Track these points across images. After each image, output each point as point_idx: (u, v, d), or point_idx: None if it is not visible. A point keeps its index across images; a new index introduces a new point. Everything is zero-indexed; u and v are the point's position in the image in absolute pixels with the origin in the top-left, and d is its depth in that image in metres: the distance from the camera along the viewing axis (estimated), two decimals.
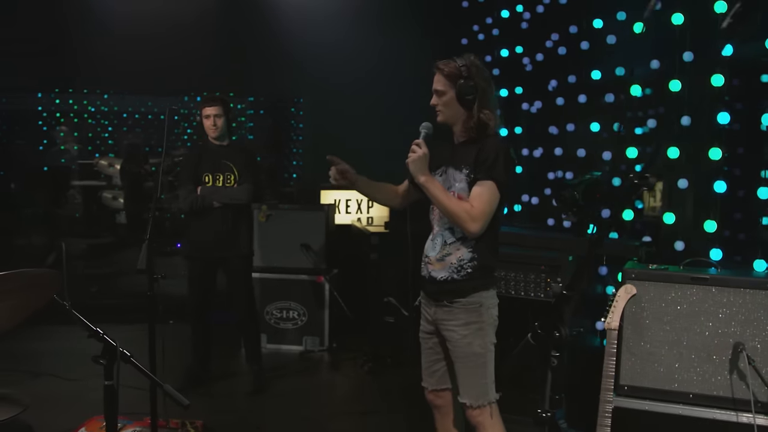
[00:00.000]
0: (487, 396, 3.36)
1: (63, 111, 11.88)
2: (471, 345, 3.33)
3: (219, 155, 5.48)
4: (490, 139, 3.29)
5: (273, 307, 6.69)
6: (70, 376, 5.77)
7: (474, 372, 3.36)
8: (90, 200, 11.05)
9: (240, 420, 5.00)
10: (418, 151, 3.25)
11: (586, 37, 5.24)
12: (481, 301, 3.33)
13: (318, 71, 7.90)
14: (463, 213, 3.22)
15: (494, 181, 3.22)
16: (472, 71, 3.28)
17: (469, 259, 3.33)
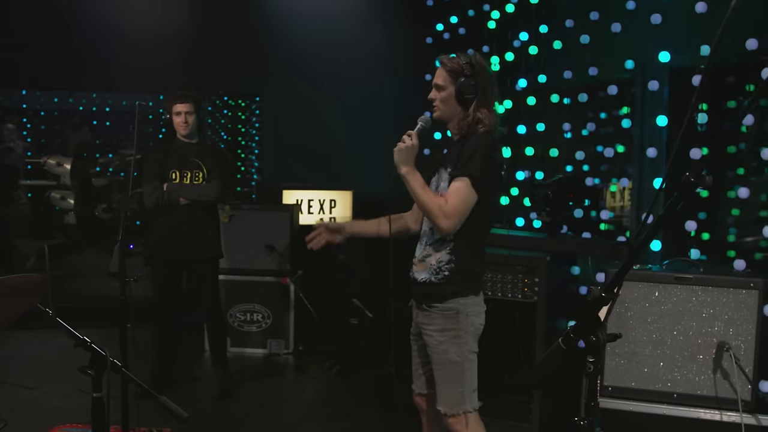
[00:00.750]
0: (463, 405, 3.30)
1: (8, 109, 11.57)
2: (446, 352, 3.28)
3: (188, 152, 5.34)
4: (473, 137, 3.22)
5: (236, 309, 6.55)
6: (26, 383, 5.54)
7: (450, 380, 3.31)
8: (38, 200, 10.75)
9: (208, 426, 4.87)
10: (408, 141, 3.18)
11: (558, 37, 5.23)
12: (458, 308, 3.26)
13: (278, 69, 7.78)
14: (436, 208, 3.15)
15: (469, 177, 3.14)
16: (475, 70, 3.22)
17: (447, 261, 3.26)
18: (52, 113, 12.39)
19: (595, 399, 1.65)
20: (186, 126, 5.29)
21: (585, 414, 1.66)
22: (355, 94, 7.46)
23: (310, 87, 7.62)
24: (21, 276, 2.05)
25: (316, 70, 7.58)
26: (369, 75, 7.50)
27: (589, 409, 1.66)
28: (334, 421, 5.17)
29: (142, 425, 4.32)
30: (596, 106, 5.01)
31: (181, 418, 2.30)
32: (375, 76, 7.50)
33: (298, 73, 7.67)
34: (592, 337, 1.63)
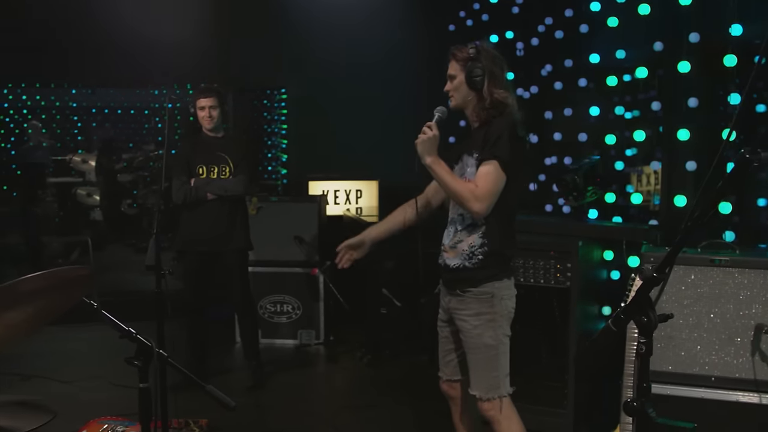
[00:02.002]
0: (498, 389, 3.31)
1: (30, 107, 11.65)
2: (482, 336, 3.29)
3: (214, 147, 5.36)
4: (496, 120, 3.25)
5: (266, 301, 6.59)
6: (60, 377, 5.61)
7: (485, 364, 3.31)
8: (64, 197, 10.84)
9: (243, 417, 4.90)
10: (429, 132, 3.21)
11: (584, 20, 5.19)
12: (493, 292, 3.28)
13: (303, 61, 7.78)
14: (467, 193, 3.17)
15: (497, 160, 3.16)
16: (480, 53, 3.27)
17: (480, 245, 3.27)
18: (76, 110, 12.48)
19: (647, 380, 1.65)
20: (211, 120, 5.30)
21: (637, 395, 1.65)
22: (379, 83, 7.46)
23: (335, 78, 7.63)
24: (69, 268, 2.07)
25: (340, 61, 7.59)
26: (392, 64, 7.49)
27: (641, 391, 1.65)
28: (365, 410, 5.19)
29: (179, 416, 4.40)
30: (624, 89, 4.97)
31: (229, 406, 2.33)
32: (398, 65, 7.49)
33: (322, 65, 7.68)
34: (644, 317, 1.62)
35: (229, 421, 4.70)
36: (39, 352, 6.25)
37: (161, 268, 3.71)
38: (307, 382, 5.82)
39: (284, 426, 4.80)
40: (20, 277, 1.91)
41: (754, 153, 1.49)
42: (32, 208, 9.87)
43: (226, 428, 4.57)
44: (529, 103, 5.76)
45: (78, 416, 4.65)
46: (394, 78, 7.46)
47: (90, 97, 12.31)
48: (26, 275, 1.94)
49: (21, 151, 10.57)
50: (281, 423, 4.86)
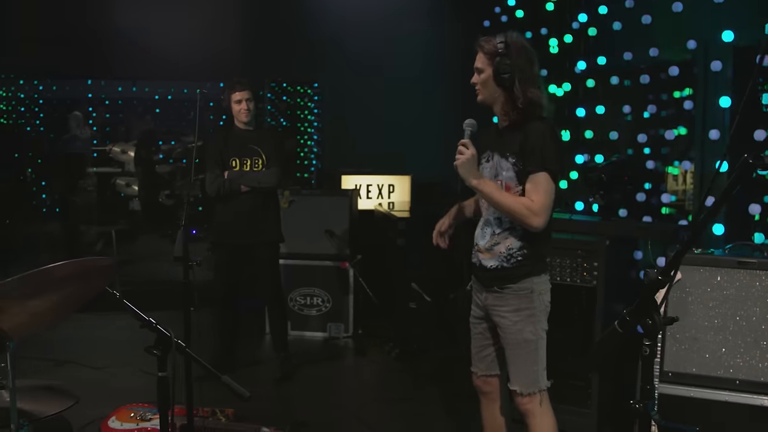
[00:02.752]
0: (538, 383, 3.32)
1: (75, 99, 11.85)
2: (522, 331, 3.29)
3: (247, 140, 5.42)
4: (534, 125, 3.15)
5: (297, 293, 6.65)
6: (93, 363, 5.73)
7: (525, 359, 3.32)
8: (104, 187, 11.03)
9: (270, 407, 4.95)
10: (466, 152, 3.13)
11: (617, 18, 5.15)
12: (532, 287, 3.27)
13: (337, 55, 7.82)
14: (524, 209, 3.11)
15: (548, 172, 3.11)
16: (510, 49, 3.15)
17: (519, 248, 3.26)
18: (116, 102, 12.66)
19: (651, 382, 1.65)
20: (247, 113, 5.36)
21: (641, 397, 1.65)
22: (412, 79, 7.47)
23: (368, 73, 7.66)
24: (91, 258, 2.13)
25: (374, 55, 7.61)
26: (426, 60, 7.51)
27: (644, 393, 1.65)
28: (393, 403, 5.22)
29: (206, 406, 4.46)
30: (657, 87, 4.92)
31: (243, 397, 2.37)
32: (432, 60, 7.50)
33: (355, 59, 7.71)
34: (649, 320, 1.62)
35: (256, 411, 4.75)
36: (73, 338, 6.41)
37: (189, 259, 3.77)
38: (335, 375, 5.87)
39: (310, 418, 4.83)
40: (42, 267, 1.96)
41: (758, 158, 1.49)
42: (71, 197, 10.07)
43: (253, 418, 4.60)
44: (561, 101, 5.74)
45: (108, 402, 4.76)
46: (428, 74, 7.48)
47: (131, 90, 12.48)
48: (50, 264, 1.99)
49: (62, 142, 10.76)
50: (308, 414, 4.89)
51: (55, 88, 11.74)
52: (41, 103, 11.68)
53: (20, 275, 1.94)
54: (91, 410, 4.70)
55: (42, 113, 11.71)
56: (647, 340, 1.65)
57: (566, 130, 5.66)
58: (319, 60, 8.07)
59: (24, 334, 2.22)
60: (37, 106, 11.72)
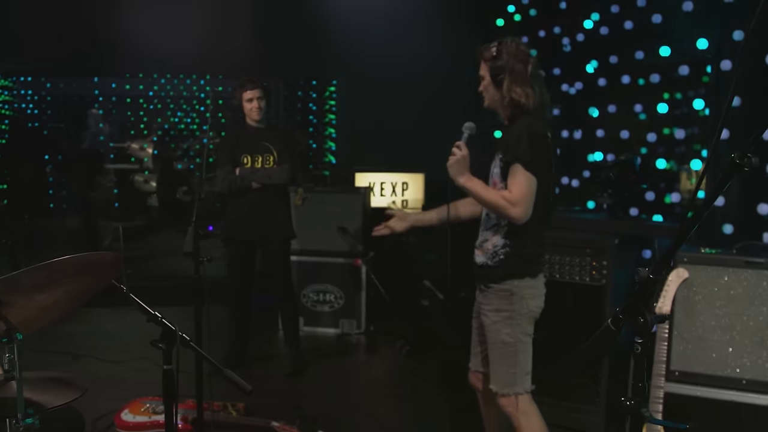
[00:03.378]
0: (515, 386, 3.34)
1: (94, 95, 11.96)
2: (499, 332, 3.34)
3: (258, 137, 5.46)
4: (518, 122, 3.25)
5: (309, 289, 6.69)
6: (109, 357, 5.81)
7: (502, 360, 3.36)
8: (122, 183, 11.13)
9: (280, 402, 5.00)
10: (458, 153, 3.23)
11: (630, 17, 5.15)
12: (512, 289, 3.30)
13: (352, 53, 7.85)
14: (502, 201, 3.18)
15: (519, 162, 3.17)
16: (503, 51, 3.24)
17: (502, 246, 3.31)
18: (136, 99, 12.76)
19: (642, 380, 1.67)
20: (259, 111, 5.41)
21: (633, 394, 1.68)
22: (427, 77, 7.49)
23: (383, 71, 7.67)
24: (95, 253, 2.18)
25: (389, 54, 7.62)
26: (441, 58, 7.51)
27: (636, 390, 1.68)
28: (402, 399, 5.25)
29: (218, 400, 4.52)
30: (668, 86, 4.92)
31: (245, 391, 2.41)
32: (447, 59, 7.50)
33: (371, 58, 7.73)
34: (640, 318, 1.65)
35: (267, 406, 4.82)
36: (90, 332, 6.51)
37: (199, 254, 3.81)
38: (346, 371, 5.91)
39: (320, 412, 4.86)
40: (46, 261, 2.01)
41: (744, 157, 1.50)
42: (90, 193, 10.18)
43: (263, 413, 4.67)
44: (573, 100, 5.75)
45: (122, 395, 4.84)
46: (443, 72, 7.48)
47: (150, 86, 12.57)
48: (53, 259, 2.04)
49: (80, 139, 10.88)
50: (318, 409, 4.93)
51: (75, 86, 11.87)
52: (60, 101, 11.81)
53: (24, 269, 1.99)
54: (105, 403, 4.79)
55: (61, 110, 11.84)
56: (639, 338, 1.67)
57: (578, 129, 5.66)
58: (336, 59, 8.10)
59: (32, 328, 2.28)
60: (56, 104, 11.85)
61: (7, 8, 7.90)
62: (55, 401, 2.24)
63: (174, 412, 2.43)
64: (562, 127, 5.78)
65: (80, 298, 2.32)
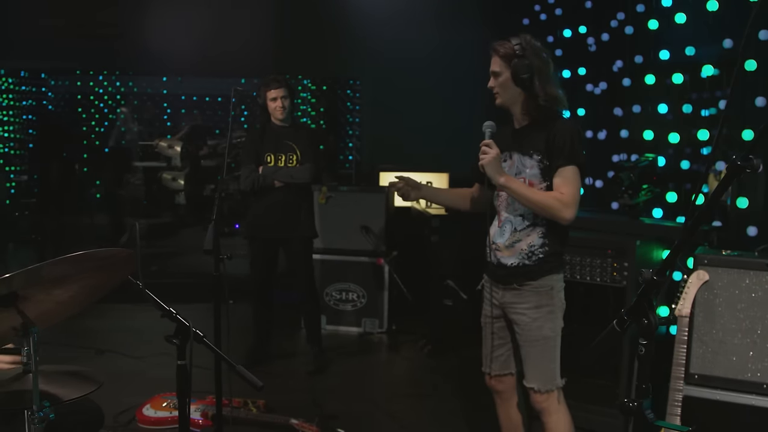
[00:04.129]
0: (555, 381, 3.35)
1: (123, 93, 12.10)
2: (542, 328, 3.31)
3: (282, 135, 5.49)
4: (560, 123, 3.23)
5: (332, 288, 6.72)
6: (133, 353, 5.88)
7: (543, 356, 3.34)
8: (150, 181, 11.24)
9: (301, 400, 5.03)
10: (490, 152, 3.18)
11: (654, 16, 5.10)
12: (552, 284, 3.31)
13: (377, 52, 7.87)
14: (555, 202, 3.16)
15: (577, 166, 3.18)
16: (526, 50, 3.21)
17: (540, 245, 3.29)
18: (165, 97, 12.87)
19: (646, 381, 1.66)
20: (283, 110, 5.44)
21: (636, 396, 1.67)
22: (451, 77, 7.48)
23: (408, 71, 7.69)
24: (109, 249, 2.20)
25: (413, 53, 7.63)
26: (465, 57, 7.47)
27: (640, 391, 1.67)
28: (422, 398, 5.26)
29: (238, 396, 4.56)
30: (693, 86, 4.87)
31: (256, 386, 2.42)
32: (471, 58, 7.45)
33: (395, 58, 7.74)
34: (644, 320, 1.64)
35: (287, 403, 4.86)
36: (114, 327, 6.59)
37: (219, 252, 3.85)
38: (367, 370, 5.93)
39: (341, 411, 4.89)
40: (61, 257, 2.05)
41: (746, 160, 1.49)
42: (118, 190, 10.30)
43: (283, 410, 4.70)
44: (598, 99, 5.70)
45: (144, 391, 4.91)
46: (467, 71, 7.43)
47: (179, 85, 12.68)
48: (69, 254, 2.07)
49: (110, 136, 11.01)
50: (338, 407, 4.95)
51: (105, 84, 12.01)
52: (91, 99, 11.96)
53: (42, 263, 2.03)
54: (128, 398, 4.85)
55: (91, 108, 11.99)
56: (643, 340, 1.66)
57: (603, 129, 5.62)
58: (361, 58, 8.13)
59: (49, 322, 2.31)
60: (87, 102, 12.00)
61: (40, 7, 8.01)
62: (72, 394, 2.28)
63: (187, 407, 2.46)
64: (586, 128, 5.73)
65: (96, 294, 2.35)
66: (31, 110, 11.03)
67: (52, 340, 5.45)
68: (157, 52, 8.33)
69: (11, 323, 2.17)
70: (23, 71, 10.75)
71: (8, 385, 2.26)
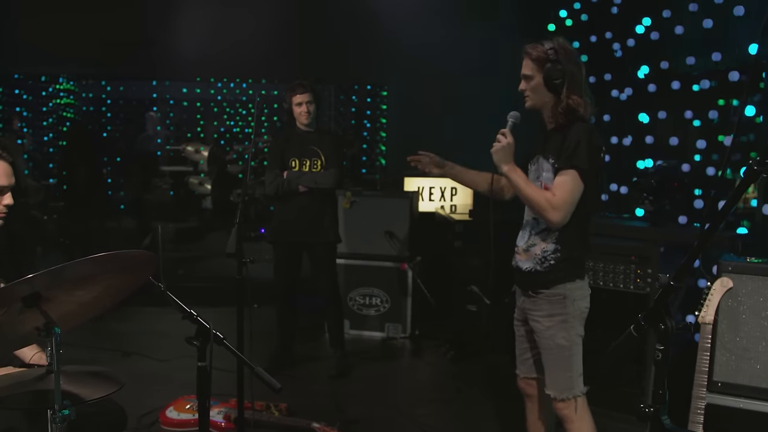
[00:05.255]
0: (573, 389, 3.31)
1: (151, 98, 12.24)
2: (554, 337, 3.30)
3: (307, 140, 5.52)
4: (575, 126, 3.20)
5: (356, 293, 6.73)
6: (158, 356, 5.93)
7: (558, 364, 3.32)
8: (177, 185, 11.35)
9: (323, 404, 5.05)
10: (503, 140, 3.20)
11: (680, 22, 5.07)
12: (565, 293, 3.27)
13: (404, 59, 7.90)
14: (544, 202, 3.16)
15: (576, 170, 3.13)
16: (560, 54, 3.19)
17: (553, 251, 3.27)
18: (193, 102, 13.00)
19: (663, 387, 1.65)
20: (308, 115, 5.46)
21: (652, 402, 1.66)
22: (477, 82, 7.48)
23: (434, 77, 7.71)
24: (131, 251, 2.23)
25: (440, 59, 7.65)
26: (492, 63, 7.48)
27: (656, 397, 1.66)
28: (445, 403, 5.26)
29: (261, 399, 4.58)
30: (719, 92, 4.82)
31: (275, 389, 2.44)
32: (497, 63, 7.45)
33: (422, 63, 7.77)
34: (661, 325, 1.63)
35: (309, 407, 4.88)
36: (139, 330, 6.65)
37: (242, 256, 3.87)
38: (390, 374, 5.94)
39: (362, 415, 4.90)
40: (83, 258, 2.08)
41: (762, 164, 1.48)
42: (146, 195, 10.41)
43: (305, 414, 4.72)
44: (624, 105, 5.67)
45: (168, 393, 4.95)
46: (493, 77, 7.44)
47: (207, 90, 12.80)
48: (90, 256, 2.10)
49: (138, 141, 11.13)
50: (359, 411, 4.96)
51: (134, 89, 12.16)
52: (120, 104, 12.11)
53: (65, 263, 2.06)
54: (151, 400, 4.90)
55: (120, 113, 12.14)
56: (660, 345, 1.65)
57: (628, 135, 5.58)
58: (388, 64, 8.16)
59: (71, 324, 2.34)
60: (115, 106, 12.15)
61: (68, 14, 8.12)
62: (94, 394, 2.30)
63: (207, 408, 2.48)
64: (611, 134, 5.71)
65: (118, 297, 2.38)
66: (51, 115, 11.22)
67: (78, 342, 5.53)
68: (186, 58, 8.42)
69: (35, 323, 2.20)
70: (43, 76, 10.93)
71: (32, 384, 2.29)
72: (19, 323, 2.23)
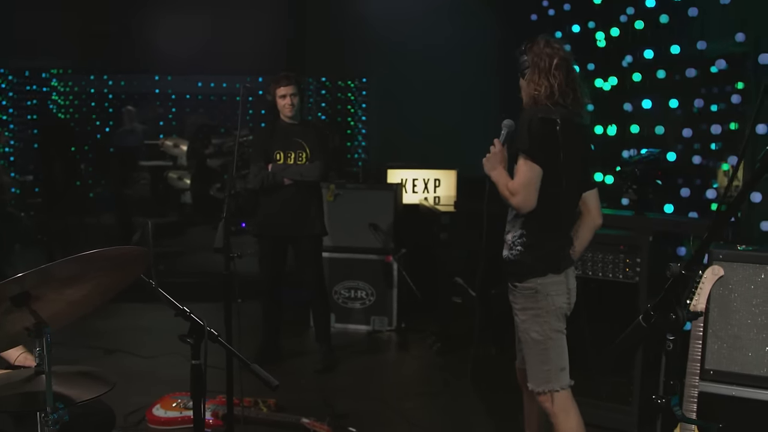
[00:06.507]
0: (549, 383, 3.33)
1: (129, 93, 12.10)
2: (528, 331, 3.34)
3: (291, 133, 5.47)
4: (523, 112, 3.28)
5: (341, 286, 6.68)
6: (142, 352, 5.86)
7: (535, 358, 3.36)
8: (156, 180, 11.23)
9: (311, 398, 5.00)
10: (492, 150, 3.30)
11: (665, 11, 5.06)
12: (536, 288, 3.29)
13: (385, 51, 7.86)
14: (505, 190, 3.23)
15: (519, 151, 3.21)
16: (526, 48, 3.29)
17: (519, 236, 3.31)
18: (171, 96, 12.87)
19: (674, 378, 1.63)
20: (292, 108, 5.41)
21: (664, 392, 1.64)
22: (459, 74, 7.46)
23: (415, 69, 7.68)
24: (123, 247, 2.18)
25: (421, 51, 7.62)
26: (473, 54, 7.49)
27: (668, 388, 1.64)
28: (432, 397, 5.24)
29: (249, 395, 4.53)
30: (705, 81, 4.83)
31: (271, 386, 2.40)
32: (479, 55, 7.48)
33: (402, 56, 7.74)
34: (672, 315, 1.61)
35: (297, 402, 4.83)
36: (123, 327, 6.57)
37: (230, 250, 3.82)
38: (377, 368, 5.91)
39: (351, 409, 4.86)
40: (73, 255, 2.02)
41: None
42: (124, 190, 10.29)
43: (294, 409, 4.67)
44: (608, 95, 5.67)
45: (155, 391, 4.88)
46: (475, 68, 7.46)
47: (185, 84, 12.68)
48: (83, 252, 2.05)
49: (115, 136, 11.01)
50: (348, 406, 4.92)
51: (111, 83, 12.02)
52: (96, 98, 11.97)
53: (54, 262, 2.01)
54: (137, 398, 4.83)
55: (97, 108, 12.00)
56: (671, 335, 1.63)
57: (613, 124, 5.58)
58: (368, 56, 8.11)
59: (61, 322, 2.29)
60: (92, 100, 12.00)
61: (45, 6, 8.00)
62: (85, 395, 2.25)
63: (202, 407, 2.44)
64: (595, 123, 5.70)
65: (108, 294, 2.33)
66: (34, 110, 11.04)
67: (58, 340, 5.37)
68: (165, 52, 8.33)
69: (24, 323, 2.15)
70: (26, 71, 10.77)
71: (20, 386, 2.23)
72: (8, 323, 2.17)
